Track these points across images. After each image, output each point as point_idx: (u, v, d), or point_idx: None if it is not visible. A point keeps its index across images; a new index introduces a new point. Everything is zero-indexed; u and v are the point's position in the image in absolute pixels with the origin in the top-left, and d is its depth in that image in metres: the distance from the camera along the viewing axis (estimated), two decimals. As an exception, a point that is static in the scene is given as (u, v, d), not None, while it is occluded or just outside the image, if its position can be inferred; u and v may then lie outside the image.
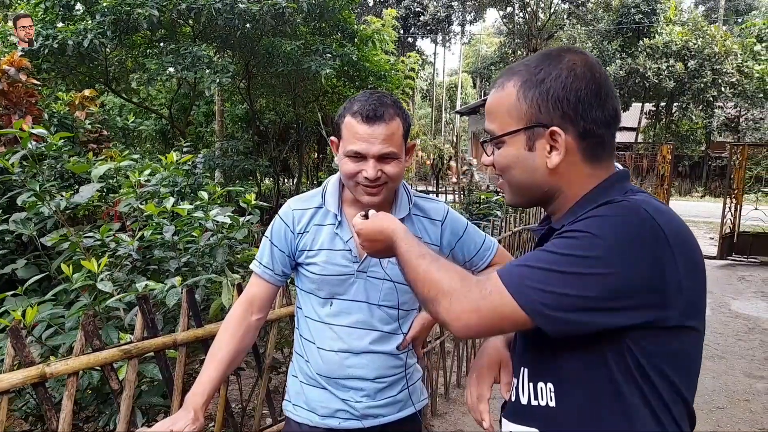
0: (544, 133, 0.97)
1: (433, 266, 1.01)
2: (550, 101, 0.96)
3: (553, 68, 0.97)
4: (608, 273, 0.85)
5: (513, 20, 29.30)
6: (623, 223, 0.87)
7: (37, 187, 2.41)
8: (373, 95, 1.48)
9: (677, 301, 0.87)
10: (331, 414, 1.58)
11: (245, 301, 1.63)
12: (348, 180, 1.50)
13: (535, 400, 1.00)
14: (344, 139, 1.47)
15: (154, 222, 2.70)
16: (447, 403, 3.88)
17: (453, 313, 0.94)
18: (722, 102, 24.18)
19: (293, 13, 6.61)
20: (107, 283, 2.16)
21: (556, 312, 0.87)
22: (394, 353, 1.60)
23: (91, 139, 5.12)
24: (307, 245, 1.57)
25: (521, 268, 0.92)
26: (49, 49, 5.75)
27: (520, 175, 1.03)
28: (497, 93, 1.04)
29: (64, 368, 1.75)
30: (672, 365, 0.91)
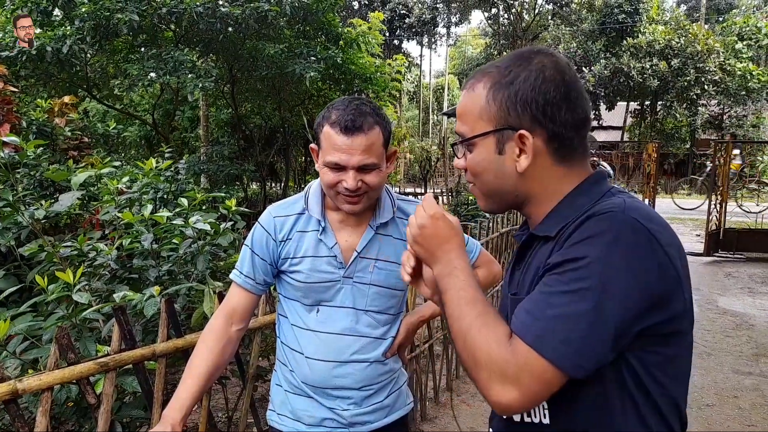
0: (513, 136, 0.95)
1: (476, 322, 0.90)
2: (518, 103, 0.94)
3: (523, 70, 0.95)
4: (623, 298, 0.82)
5: (498, 21, 29.45)
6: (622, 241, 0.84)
7: (11, 196, 2.34)
8: (351, 103, 1.44)
9: (676, 306, 0.87)
10: (318, 423, 1.55)
11: (225, 311, 1.58)
12: (328, 189, 1.48)
13: (528, 417, 0.97)
14: (323, 149, 1.44)
15: (133, 230, 2.65)
16: (437, 407, 3.85)
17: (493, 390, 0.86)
18: (706, 100, 24.43)
19: (276, 16, 6.56)
20: (84, 294, 2.10)
21: (588, 360, 0.83)
22: (381, 360, 1.58)
23: (72, 146, 5.04)
24: (290, 253, 1.54)
25: (543, 322, 0.85)
26: (27, 56, 5.65)
27: (490, 180, 1.00)
28: (467, 94, 1.02)
29: (38, 384, 1.70)
30: (668, 372, 0.90)
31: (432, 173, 12.80)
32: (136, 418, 2.24)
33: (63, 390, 2.13)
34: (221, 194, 3.12)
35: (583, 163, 1.00)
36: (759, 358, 4.85)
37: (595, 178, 0.99)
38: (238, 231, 3.16)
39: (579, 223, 0.89)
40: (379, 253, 1.54)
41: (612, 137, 26.71)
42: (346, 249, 1.53)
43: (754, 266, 8.88)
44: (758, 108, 25.23)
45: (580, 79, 1.02)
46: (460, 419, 3.70)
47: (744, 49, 25.41)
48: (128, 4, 5.75)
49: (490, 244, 5.50)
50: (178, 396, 1.48)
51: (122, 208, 2.80)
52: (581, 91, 0.97)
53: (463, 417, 3.73)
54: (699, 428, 3.61)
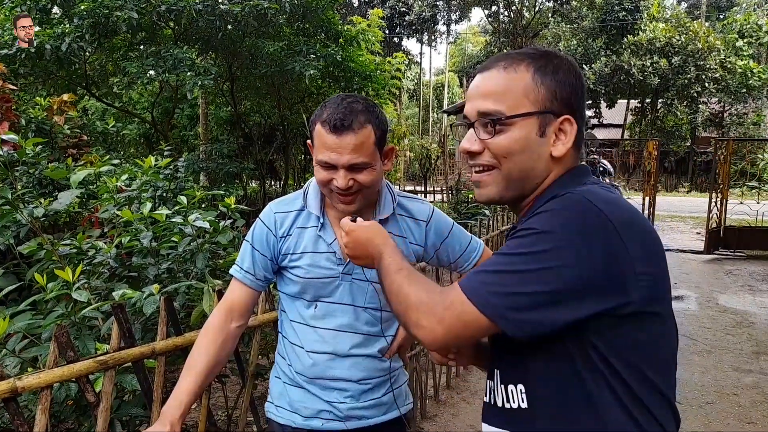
0: (555, 121, 0.99)
1: (405, 280, 1.02)
2: (563, 91, 0.99)
3: (561, 63, 1.01)
4: (560, 266, 0.85)
5: (498, 19, 29.41)
6: (569, 215, 0.89)
7: (9, 194, 2.33)
8: (344, 101, 1.43)
9: (635, 287, 0.87)
10: (315, 415, 1.55)
11: (225, 307, 1.58)
12: (322, 187, 1.48)
13: (507, 402, 0.99)
14: (315, 148, 1.45)
15: (132, 228, 2.64)
16: (437, 405, 3.85)
17: (420, 326, 0.95)
18: (706, 97, 24.43)
19: (276, 13, 6.55)
20: (83, 293, 2.10)
21: (517, 313, 0.88)
22: (378, 357, 1.57)
23: (71, 144, 5.03)
24: (290, 248, 1.54)
25: (480, 274, 0.93)
26: (26, 54, 5.64)
27: (523, 162, 1.00)
28: (506, 74, 1.00)
29: (37, 382, 1.69)
30: (640, 356, 0.90)
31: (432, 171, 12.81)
32: (135, 417, 2.23)
33: (62, 388, 2.13)
34: (220, 192, 3.11)
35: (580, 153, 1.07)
36: (759, 355, 4.85)
37: (578, 171, 1.03)
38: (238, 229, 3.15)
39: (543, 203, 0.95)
40: None
41: (612, 135, 26.69)
42: None
43: (754, 264, 8.88)
44: (759, 106, 25.23)
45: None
46: (460, 417, 3.70)
47: (745, 47, 25.39)
48: (127, 2, 5.74)
49: (490, 242, 5.50)
50: (177, 393, 1.47)
51: (121, 206, 2.79)
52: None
53: (463, 415, 3.73)
54: (699, 426, 3.61)
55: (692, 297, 6.76)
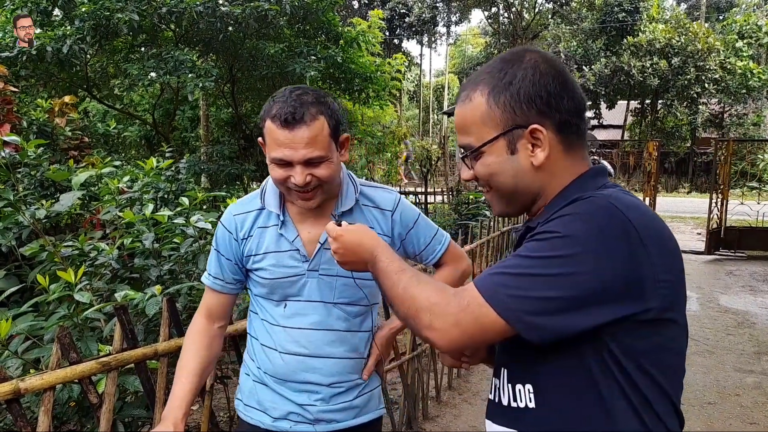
0: (524, 133, 0.98)
1: (412, 282, 0.99)
2: (523, 101, 0.97)
3: (518, 69, 0.98)
4: (582, 272, 0.84)
5: (498, 20, 29.43)
6: (592, 220, 0.87)
7: (11, 196, 2.34)
8: (292, 94, 1.36)
9: (654, 294, 0.87)
10: (284, 416, 1.52)
11: (204, 311, 1.59)
12: (279, 185, 1.43)
13: (514, 402, 0.99)
14: (267, 145, 1.38)
15: (134, 230, 2.65)
16: (438, 405, 3.85)
17: (434, 328, 0.93)
18: (706, 98, 24.42)
19: (276, 15, 6.55)
20: (85, 294, 2.10)
21: (536, 318, 0.86)
22: (353, 357, 1.54)
23: (72, 146, 5.04)
24: (252, 250, 1.50)
25: (497, 276, 0.91)
26: (27, 56, 5.65)
27: (507, 182, 1.01)
28: (465, 106, 1.02)
29: (40, 383, 1.69)
30: (652, 361, 0.90)
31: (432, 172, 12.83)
32: (137, 418, 2.24)
33: (65, 390, 2.13)
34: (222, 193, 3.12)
35: (584, 153, 1.04)
36: (760, 356, 4.84)
37: (594, 171, 1.02)
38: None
39: (565, 205, 0.93)
40: None
41: (612, 136, 26.69)
42: (309, 241, 1.49)
43: (755, 264, 8.87)
44: (759, 106, 25.23)
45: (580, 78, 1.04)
46: (462, 418, 3.70)
47: (744, 48, 25.41)
48: (128, 4, 5.75)
49: (491, 243, 5.51)
50: (175, 395, 1.48)
51: (123, 207, 2.79)
52: (573, 78, 1.02)
53: (465, 416, 3.73)
54: (701, 426, 3.61)
55: (693, 297, 6.75)
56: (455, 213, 10.11)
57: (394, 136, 12.50)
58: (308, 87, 1.43)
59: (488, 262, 5.41)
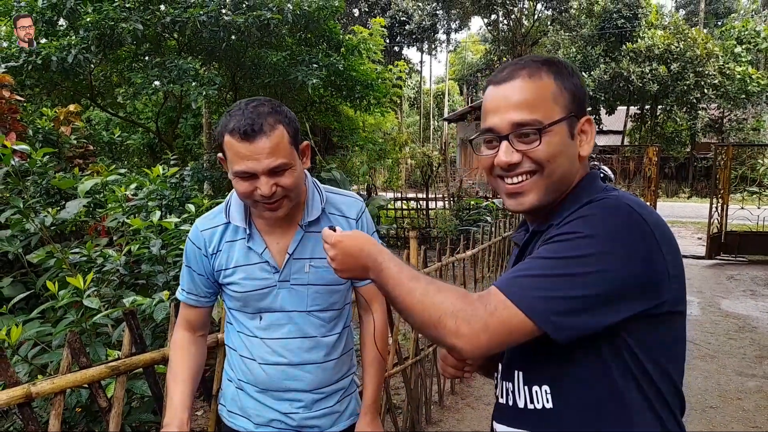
0: (578, 123, 1.02)
1: (430, 288, 0.96)
2: (579, 94, 1.02)
3: (572, 68, 1.05)
4: (604, 270, 0.87)
5: (498, 27, 29.57)
6: (612, 220, 0.90)
7: (21, 203, 2.38)
8: (248, 106, 1.35)
9: (668, 288, 0.91)
10: (266, 423, 1.53)
11: (183, 324, 1.62)
12: (245, 199, 1.41)
13: (531, 403, 1.00)
14: (229, 160, 1.36)
15: (141, 236, 2.68)
16: (441, 410, 3.86)
17: (461, 334, 0.91)
18: (705, 104, 24.50)
19: (278, 24, 6.62)
20: (94, 300, 2.13)
21: (562, 317, 0.87)
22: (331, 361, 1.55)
23: (77, 154, 5.08)
24: (222, 265, 1.51)
25: (522, 279, 0.91)
26: (33, 65, 5.71)
27: (564, 166, 1.01)
28: (532, 82, 1.00)
29: (50, 387, 1.72)
30: (665, 353, 0.94)
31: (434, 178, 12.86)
32: (144, 422, 2.26)
33: (73, 394, 2.16)
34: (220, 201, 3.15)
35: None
36: (762, 360, 4.86)
37: (594, 175, 1.07)
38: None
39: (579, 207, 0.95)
40: (313, 251, 1.50)
41: (612, 141, 26.74)
42: (278, 252, 1.49)
43: (756, 269, 8.88)
44: (758, 111, 25.28)
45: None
46: (466, 422, 3.72)
47: (743, 53, 25.52)
48: (132, 14, 5.81)
49: (492, 248, 5.53)
50: (175, 400, 1.50)
51: (130, 214, 2.83)
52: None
53: (468, 420, 3.74)
54: (703, 430, 3.62)
55: (694, 302, 6.77)
56: (456, 219, 10.15)
57: (395, 142, 12.56)
58: (263, 98, 1.44)
59: (490, 267, 5.44)
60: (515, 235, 1.15)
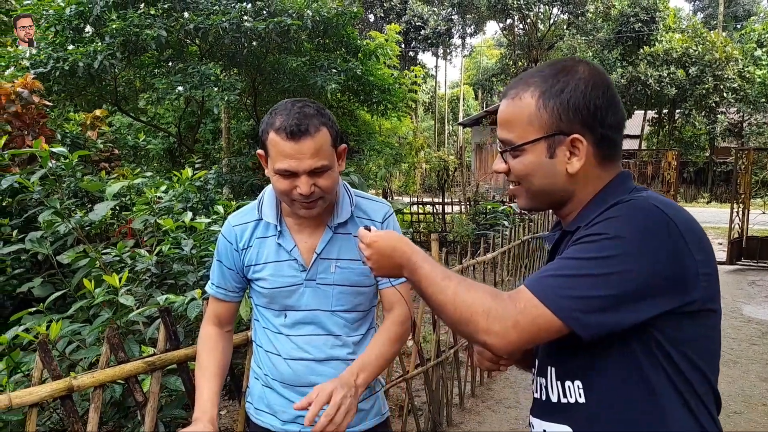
0: (565, 141, 1.02)
1: (461, 287, 1.00)
2: (570, 110, 1.01)
3: (571, 79, 1.03)
4: (632, 269, 0.89)
5: (513, 32, 29.52)
6: (638, 221, 0.92)
7: (58, 204, 2.45)
8: (294, 106, 1.40)
9: (697, 286, 0.92)
10: (292, 419, 1.55)
11: (212, 319, 1.66)
12: (283, 197, 1.45)
13: (564, 398, 1.03)
14: (271, 157, 1.41)
15: (170, 237, 2.74)
16: (462, 412, 3.88)
17: (492, 332, 0.94)
18: (725, 107, 24.22)
19: (298, 30, 6.71)
20: (129, 297, 2.20)
21: (590, 316, 0.90)
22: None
23: (103, 158, 5.19)
24: (252, 260, 1.55)
25: (550, 279, 0.95)
26: (60, 71, 5.85)
27: (539, 182, 1.06)
28: (513, 103, 1.06)
29: (91, 381, 1.78)
30: (697, 349, 0.95)
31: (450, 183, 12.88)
32: (176, 418, 2.32)
33: (107, 390, 2.22)
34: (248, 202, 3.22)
35: (617, 162, 1.08)
36: (786, 366, 4.80)
37: (623, 176, 1.07)
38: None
39: (605, 209, 0.98)
40: (339, 252, 1.53)
41: (629, 146, 26.50)
42: (306, 251, 1.53)
43: (778, 275, 8.75)
44: (779, 115, 24.90)
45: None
46: (486, 425, 3.73)
47: (763, 56, 25.16)
48: (156, 21, 5.93)
49: (511, 252, 5.54)
50: (204, 396, 1.53)
51: (160, 216, 2.90)
52: (618, 95, 1.07)
53: (488, 422, 3.75)
54: None
55: (716, 307, 6.69)
56: (473, 223, 10.14)
57: (411, 146, 12.60)
58: (307, 99, 1.48)
59: (509, 270, 5.44)
60: (547, 236, 1.18)
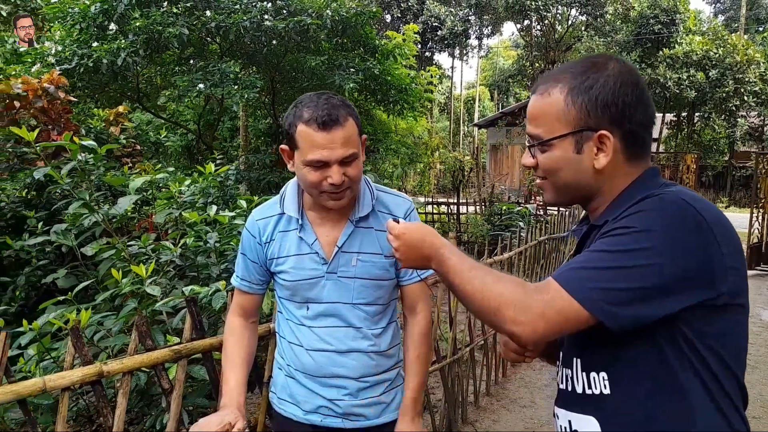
0: (593, 137, 1.04)
1: (488, 278, 1.02)
2: (599, 107, 1.03)
3: (600, 75, 1.04)
4: (660, 263, 0.90)
5: (530, 33, 29.38)
6: (667, 214, 0.93)
7: (87, 196, 2.52)
8: (320, 98, 1.44)
9: (724, 280, 0.93)
10: (314, 410, 1.59)
11: (237, 310, 1.70)
12: (311, 189, 1.48)
13: (589, 389, 1.04)
14: (301, 149, 1.43)
15: (193, 230, 2.80)
16: (477, 410, 3.89)
17: (519, 322, 0.96)
18: (745, 111, 23.86)
19: (317, 29, 6.76)
20: (155, 288, 2.25)
21: (618, 308, 0.92)
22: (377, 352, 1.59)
23: (125, 153, 5.29)
24: (275, 253, 1.59)
25: (578, 271, 0.96)
26: (84, 68, 5.96)
27: (566, 176, 1.08)
28: (542, 99, 1.08)
29: (120, 367, 1.83)
30: (722, 343, 0.96)
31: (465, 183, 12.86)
32: (198, 407, 2.37)
33: (132, 378, 2.27)
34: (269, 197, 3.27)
35: (646, 158, 1.09)
36: (806, 372, 4.74)
37: (652, 171, 1.08)
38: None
39: (634, 203, 0.99)
40: (361, 246, 1.56)
41: (647, 149, 26.24)
42: (327, 244, 1.56)
43: (799, 281, 8.63)
44: (801, 119, 24.50)
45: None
46: (501, 423, 3.73)
47: (786, 60, 24.73)
48: (179, 19, 6.02)
49: (527, 252, 5.53)
50: (231, 384, 1.58)
51: (184, 209, 2.96)
52: (648, 92, 1.07)
53: (503, 421, 3.76)
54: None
55: (734, 312, 6.62)
56: (488, 224, 10.13)
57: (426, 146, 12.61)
58: (329, 91, 1.52)
59: (525, 271, 5.44)
60: (575, 229, 1.20)
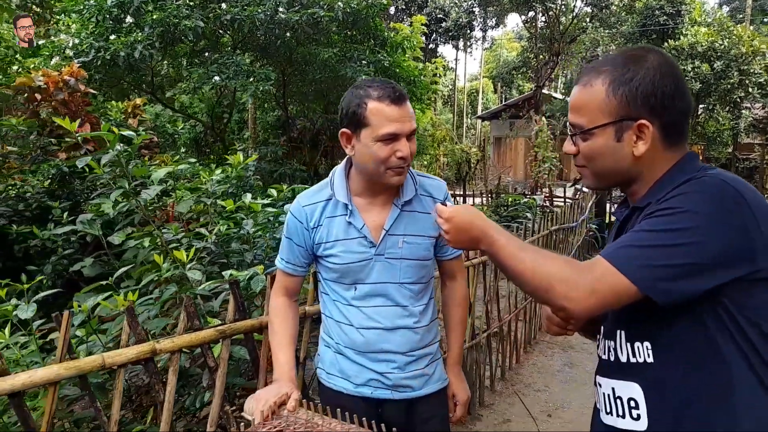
0: (632, 126, 1.11)
1: (538, 257, 1.09)
2: (639, 97, 1.10)
3: (640, 68, 1.11)
4: (703, 241, 0.99)
5: (535, 24, 29.30)
6: (708, 195, 1.02)
7: (126, 185, 2.62)
8: (376, 80, 1.56)
9: (765, 256, 1.01)
10: (365, 383, 1.68)
11: (281, 290, 1.81)
12: (380, 165, 1.54)
13: (633, 357, 1.13)
14: (373, 125, 1.51)
15: (222, 219, 2.90)
16: (493, 394, 4.00)
17: (571, 298, 1.03)
18: (750, 103, 23.82)
19: (329, 21, 6.83)
20: (196, 272, 2.35)
21: (665, 283, 1.00)
22: (421, 327, 1.70)
23: (143, 145, 5.39)
24: (323, 238, 1.66)
25: (626, 249, 1.04)
26: (102, 61, 6.04)
27: (606, 164, 1.17)
28: (584, 89, 1.16)
29: (171, 345, 1.93)
30: (762, 314, 1.04)
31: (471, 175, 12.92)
32: (235, 386, 2.47)
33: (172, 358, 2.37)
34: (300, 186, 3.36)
35: (683, 144, 1.17)
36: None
37: (690, 156, 1.16)
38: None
39: (677, 186, 1.07)
40: (406, 228, 1.65)
41: (651, 141, 26.24)
42: (375, 228, 1.64)
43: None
44: (806, 111, 24.46)
45: None
46: (517, 406, 3.85)
47: (791, 51, 24.65)
48: (194, 12, 6.09)
49: (537, 242, 5.62)
50: (282, 361, 1.68)
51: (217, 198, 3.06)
52: (685, 82, 1.15)
53: (519, 405, 3.88)
54: None
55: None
56: (495, 215, 10.22)
57: (433, 138, 12.68)
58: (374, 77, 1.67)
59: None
60: (616, 211, 1.29)
